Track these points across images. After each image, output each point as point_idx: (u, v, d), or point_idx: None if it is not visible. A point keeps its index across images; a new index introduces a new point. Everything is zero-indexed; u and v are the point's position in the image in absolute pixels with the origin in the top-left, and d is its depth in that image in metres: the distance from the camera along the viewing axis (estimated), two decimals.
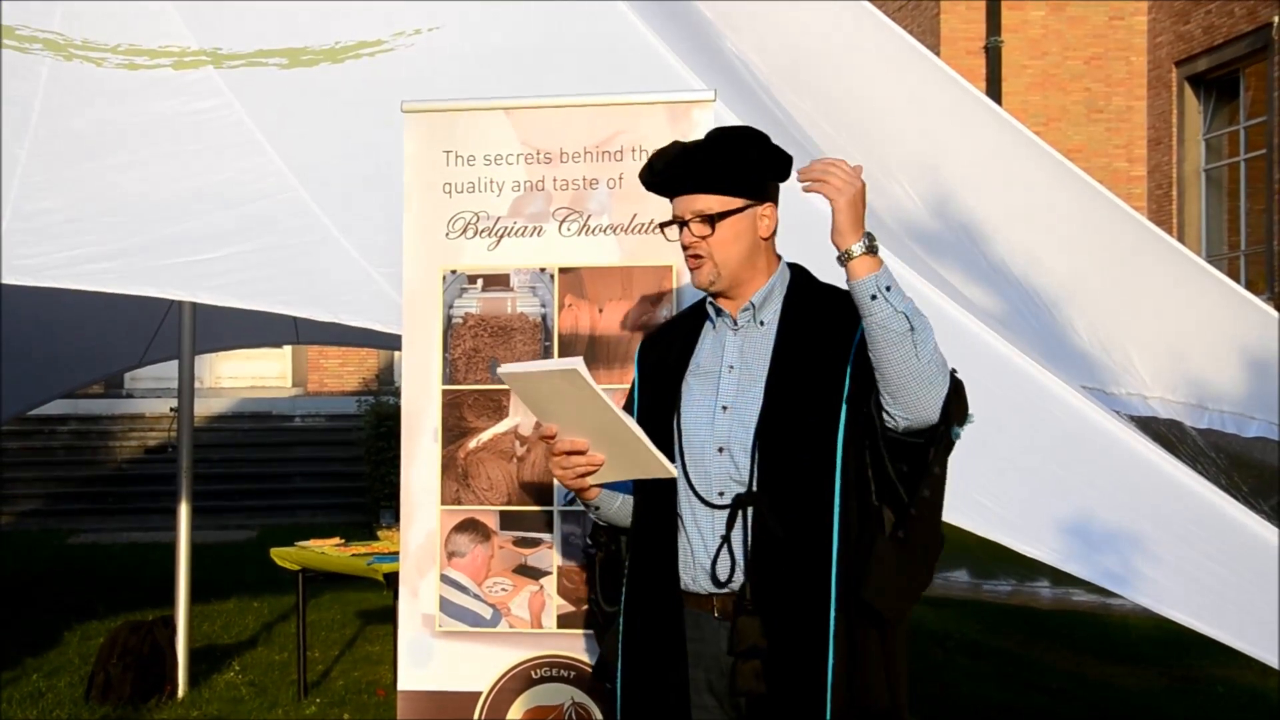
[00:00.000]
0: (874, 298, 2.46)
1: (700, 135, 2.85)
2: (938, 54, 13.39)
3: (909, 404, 2.50)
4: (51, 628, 8.39)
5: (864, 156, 5.72)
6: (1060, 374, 4.13)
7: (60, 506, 15.01)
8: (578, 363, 2.57)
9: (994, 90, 15.23)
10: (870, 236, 2.48)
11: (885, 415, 2.54)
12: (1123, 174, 15.79)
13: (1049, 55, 15.87)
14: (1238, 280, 12.38)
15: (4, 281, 3.80)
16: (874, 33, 6.08)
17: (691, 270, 2.73)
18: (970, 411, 2.58)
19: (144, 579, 10.06)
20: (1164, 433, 5.46)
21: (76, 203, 4.08)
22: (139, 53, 4.49)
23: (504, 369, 2.69)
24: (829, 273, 2.62)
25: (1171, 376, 5.80)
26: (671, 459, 2.69)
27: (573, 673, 3.53)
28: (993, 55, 15.61)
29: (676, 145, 2.78)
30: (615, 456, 2.67)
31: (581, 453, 2.67)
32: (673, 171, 2.73)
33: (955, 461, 2.69)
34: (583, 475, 2.70)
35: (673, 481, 2.69)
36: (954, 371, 2.55)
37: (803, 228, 2.95)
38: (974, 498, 3.45)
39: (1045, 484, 3.73)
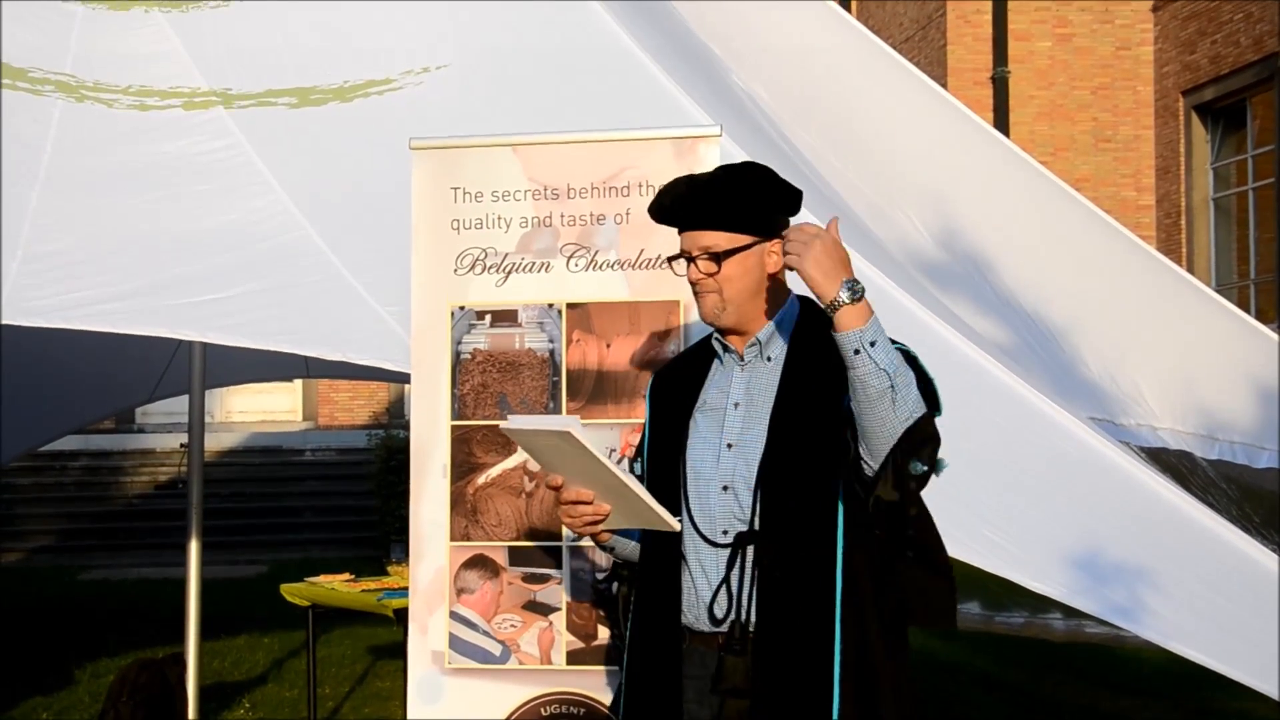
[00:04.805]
0: (857, 352, 2.42)
1: (706, 170, 2.85)
2: (945, 85, 13.44)
3: (876, 454, 2.49)
4: (62, 665, 8.38)
5: (871, 189, 5.76)
6: (1069, 405, 4.13)
7: (71, 542, 15.02)
8: (572, 423, 2.57)
9: (1001, 121, 15.26)
10: (852, 285, 2.42)
11: (861, 461, 2.53)
12: (1131, 203, 15.80)
13: (1056, 85, 15.90)
14: (1247, 309, 12.38)
15: (17, 322, 3.82)
16: (880, 65, 6.10)
17: (699, 302, 2.73)
18: (941, 458, 2.53)
19: (154, 615, 10.05)
20: (1174, 464, 5.44)
21: (88, 243, 4.11)
22: (150, 94, 4.52)
23: (505, 424, 2.71)
24: None
25: (1181, 407, 5.79)
26: (678, 498, 2.70)
27: (583, 709, 3.52)
28: (1000, 86, 15.66)
29: (684, 180, 2.77)
30: (620, 508, 2.68)
31: (588, 502, 2.68)
32: (681, 207, 2.73)
33: (963, 495, 2.70)
34: (590, 524, 2.71)
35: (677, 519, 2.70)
36: (925, 417, 2.48)
37: None
38: (982, 532, 3.44)
39: (1053, 517, 3.72)
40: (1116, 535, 3.67)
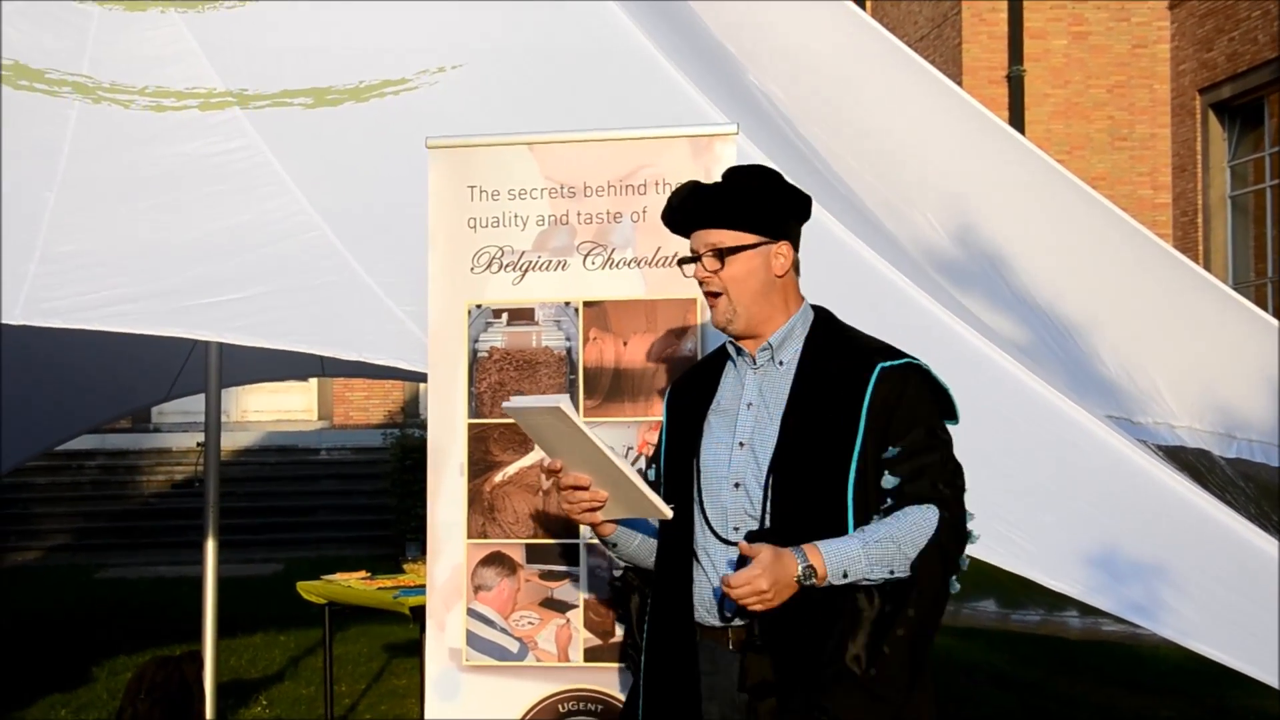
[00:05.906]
0: (841, 580, 2.54)
1: (723, 169, 2.90)
2: (960, 84, 13.40)
3: None
4: (79, 663, 8.42)
5: (886, 187, 5.75)
6: (1085, 403, 4.12)
7: (88, 541, 15.08)
8: (563, 400, 2.62)
9: (1017, 119, 15.22)
10: (800, 579, 2.51)
11: None
12: (1147, 201, 15.74)
13: (1071, 84, 15.85)
14: (1265, 307, 12.33)
15: (35, 323, 3.83)
16: (895, 63, 6.09)
17: (710, 308, 2.79)
18: (970, 530, 2.67)
19: (171, 613, 10.09)
20: (1192, 462, 5.42)
21: (105, 244, 4.11)
22: (166, 94, 4.53)
23: (507, 404, 2.74)
24: (852, 310, 2.63)
25: (1199, 405, 5.77)
26: (690, 497, 2.73)
27: (600, 706, 3.52)
28: (1015, 84, 15.62)
29: (692, 182, 2.83)
30: (614, 494, 2.71)
31: (585, 488, 2.71)
32: (688, 206, 2.79)
33: (978, 492, 2.70)
34: (588, 510, 2.74)
35: (690, 517, 2.72)
36: (933, 547, 2.57)
37: (830, 266, 2.96)
38: (998, 530, 3.44)
39: (1070, 515, 3.71)
40: (1133, 533, 3.66)
